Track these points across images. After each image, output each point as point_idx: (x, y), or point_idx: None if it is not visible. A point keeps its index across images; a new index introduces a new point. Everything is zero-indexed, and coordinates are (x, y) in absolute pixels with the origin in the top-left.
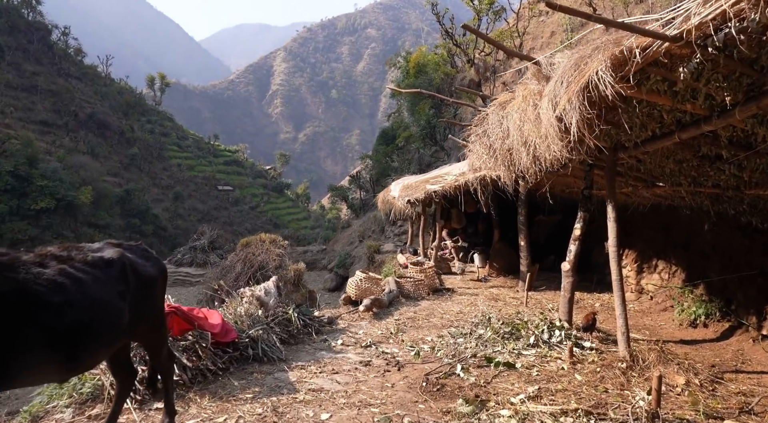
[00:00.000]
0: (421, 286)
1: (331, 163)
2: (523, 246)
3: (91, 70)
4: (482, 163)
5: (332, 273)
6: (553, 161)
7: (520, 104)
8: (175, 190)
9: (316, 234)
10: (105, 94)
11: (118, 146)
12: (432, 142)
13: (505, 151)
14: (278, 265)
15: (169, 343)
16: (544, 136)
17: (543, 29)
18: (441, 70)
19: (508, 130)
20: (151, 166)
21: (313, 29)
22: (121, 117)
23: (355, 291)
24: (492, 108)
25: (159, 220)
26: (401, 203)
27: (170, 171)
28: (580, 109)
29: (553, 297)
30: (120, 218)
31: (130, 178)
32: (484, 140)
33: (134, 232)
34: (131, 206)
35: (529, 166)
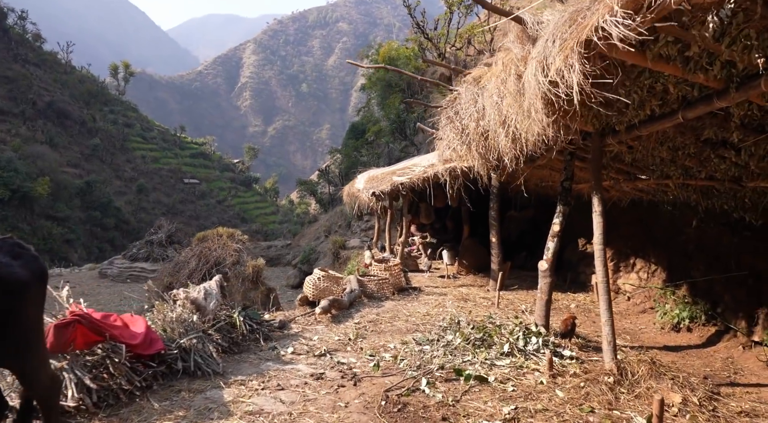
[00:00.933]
0: (385, 285)
1: (300, 158)
2: (495, 243)
3: (51, 56)
4: (453, 152)
5: (296, 269)
6: (536, 144)
7: (499, 74)
8: (139, 183)
9: (285, 228)
10: (65, 82)
11: (78, 136)
12: (402, 137)
13: (479, 136)
14: (236, 261)
15: (65, 361)
16: (527, 111)
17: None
18: (412, 65)
19: (483, 110)
20: (113, 158)
21: (283, 21)
22: (82, 106)
23: (312, 291)
24: (465, 85)
25: (121, 213)
26: (366, 196)
27: (134, 163)
28: (581, 65)
29: (526, 297)
30: (80, 211)
31: (92, 169)
32: (455, 124)
33: (95, 226)
34: (92, 199)
35: (507, 151)
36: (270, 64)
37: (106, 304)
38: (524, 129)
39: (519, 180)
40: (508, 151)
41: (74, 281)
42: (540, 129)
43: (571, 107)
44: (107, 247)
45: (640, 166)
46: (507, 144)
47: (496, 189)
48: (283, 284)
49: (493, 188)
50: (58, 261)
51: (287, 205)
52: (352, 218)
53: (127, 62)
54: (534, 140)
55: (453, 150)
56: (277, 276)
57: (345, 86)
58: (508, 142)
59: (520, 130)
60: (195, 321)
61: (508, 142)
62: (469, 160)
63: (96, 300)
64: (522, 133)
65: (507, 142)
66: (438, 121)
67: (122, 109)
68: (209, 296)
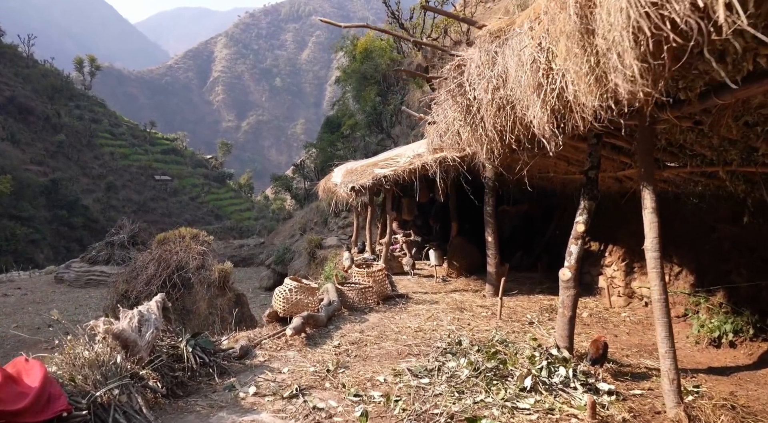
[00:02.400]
0: (368, 293)
1: (275, 153)
2: (491, 242)
3: (11, 49)
4: (451, 137)
5: (269, 270)
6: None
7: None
8: (108, 180)
9: (260, 225)
10: (27, 77)
11: (42, 133)
12: (378, 130)
13: (494, 111)
14: (200, 265)
15: None
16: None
17: (490, 16)
18: (387, 56)
19: (505, 73)
20: (80, 155)
21: (255, 15)
22: (45, 101)
23: (283, 305)
24: (478, 44)
25: (89, 211)
26: (344, 191)
27: (102, 160)
28: None
29: (528, 304)
30: (45, 210)
31: (57, 166)
32: (457, 100)
33: (62, 225)
34: (58, 197)
35: (542, 126)
36: (242, 58)
37: (60, 312)
38: (586, 89)
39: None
40: (543, 126)
41: (27, 287)
42: (626, 84)
43: (702, 42)
44: (75, 246)
45: (687, 150)
46: (543, 117)
47: (491, 181)
48: (255, 286)
49: (488, 180)
50: (23, 262)
51: (262, 201)
52: (328, 215)
53: (92, 56)
54: (595, 108)
55: (452, 135)
56: (250, 277)
57: (319, 80)
58: (545, 114)
59: (580, 90)
60: (119, 363)
61: (545, 114)
62: (474, 145)
63: (49, 308)
64: (581, 95)
65: (543, 114)
66: (419, 110)
67: (89, 104)
68: (146, 324)
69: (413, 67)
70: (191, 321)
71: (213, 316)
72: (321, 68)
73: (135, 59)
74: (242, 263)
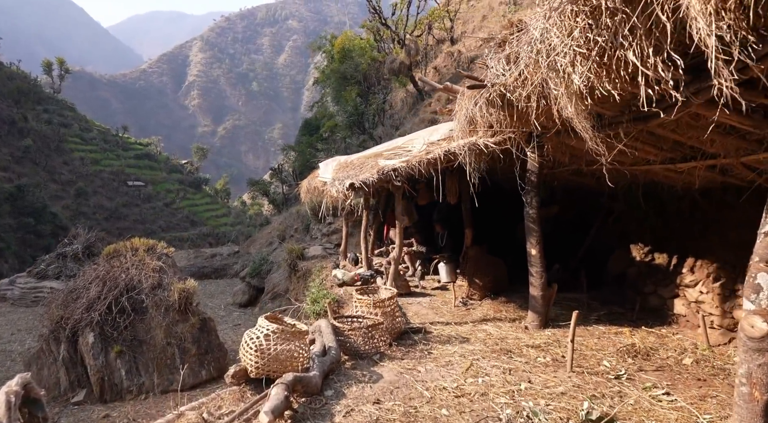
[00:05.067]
0: (377, 332)
1: (252, 158)
2: (536, 256)
3: None
4: (497, 116)
5: (244, 283)
6: None
7: None
8: (78, 186)
9: (237, 231)
10: None
11: (8, 137)
12: (360, 131)
13: None
14: (156, 284)
15: None
16: None
17: (474, 13)
18: (368, 56)
19: None
20: (48, 160)
21: (231, 19)
22: (11, 105)
23: (255, 360)
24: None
25: (58, 218)
26: (338, 190)
27: (72, 165)
28: None
29: (592, 341)
30: (10, 217)
31: (23, 172)
32: None
33: (28, 233)
34: (24, 204)
35: None
36: (218, 63)
37: None
38: None
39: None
40: None
41: None
42: None
43: None
44: (42, 255)
45: None
46: None
47: (534, 175)
48: (228, 302)
49: (530, 174)
50: None
51: (240, 207)
52: (311, 220)
53: (61, 59)
54: None
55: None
56: (223, 291)
57: (297, 85)
58: None
59: None
60: None
61: None
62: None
63: None
64: None
65: None
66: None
67: (58, 108)
68: None
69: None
70: (144, 354)
71: (172, 346)
72: (298, 72)
73: (108, 63)
74: (214, 275)
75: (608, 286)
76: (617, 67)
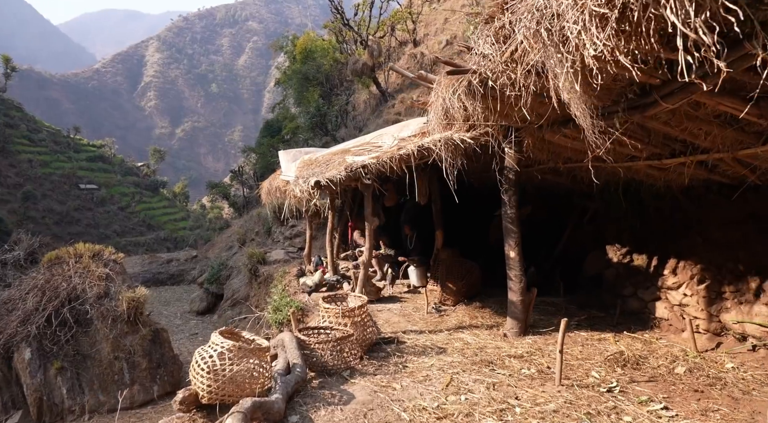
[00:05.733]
0: (347, 346)
1: (212, 160)
2: (515, 258)
3: None
4: (476, 107)
5: (202, 290)
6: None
7: None
8: (25, 190)
9: (196, 235)
10: None
11: None
12: (322, 132)
13: None
14: (102, 293)
15: None
16: None
17: (436, 16)
18: (330, 57)
19: None
20: None
21: (189, 19)
22: None
23: (207, 383)
24: None
25: (3, 223)
26: (303, 189)
27: (19, 167)
28: None
29: (577, 349)
30: None
31: None
32: None
33: None
34: None
35: None
36: (176, 63)
37: None
38: None
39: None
40: None
41: None
42: None
43: None
44: None
45: None
46: None
47: (513, 173)
48: (185, 310)
49: (508, 172)
50: None
51: (199, 210)
52: (272, 223)
53: (7, 56)
54: None
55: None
56: (179, 298)
57: (257, 86)
58: None
59: None
60: None
61: None
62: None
63: None
64: None
65: None
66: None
67: (3, 108)
68: None
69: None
70: (88, 370)
71: (120, 361)
72: (259, 74)
73: (58, 62)
74: (170, 281)
75: (583, 288)
76: (647, 30)
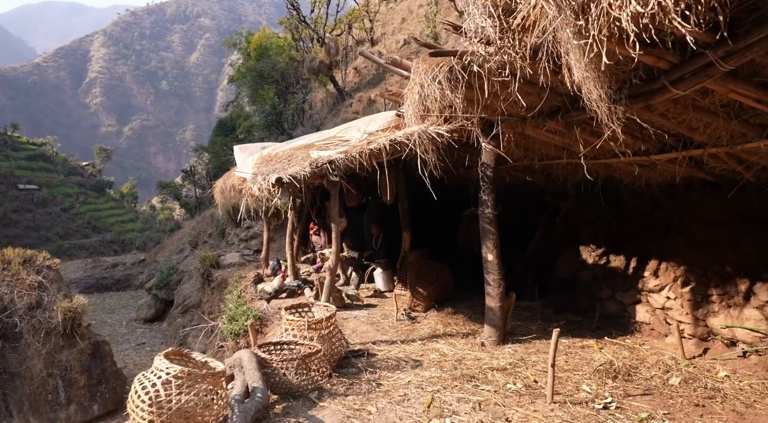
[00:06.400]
0: (314, 363)
1: (162, 160)
2: (493, 262)
3: None
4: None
5: (150, 296)
6: None
7: None
8: None
9: (146, 237)
10: None
11: None
12: (278, 131)
13: None
14: (34, 303)
15: None
16: None
17: (393, 16)
18: (286, 54)
19: None
20: None
21: (137, 14)
22: None
23: (149, 418)
24: None
25: None
26: (262, 187)
27: None
28: None
29: (563, 359)
30: None
31: None
32: None
33: None
34: None
35: None
36: (123, 59)
37: None
38: None
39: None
40: None
41: None
42: None
43: None
44: None
45: None
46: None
47: (491, 170)
48: (132, 318)
49: (486, 168)
50: None
51: (149, 211)
52: (227, 224)
53: None
54: None
55: None
56: (125, 305)
57: (210, 85)
58: None
59: None
60: None
61: None
62: None
63: None
64: None
65: None
66: None
67: None
68: None
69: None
70: (17, 390)
71: (54, 378)
72: (212, 72)
73: None
74: (116, 287)
75: (556, 291)
76: None
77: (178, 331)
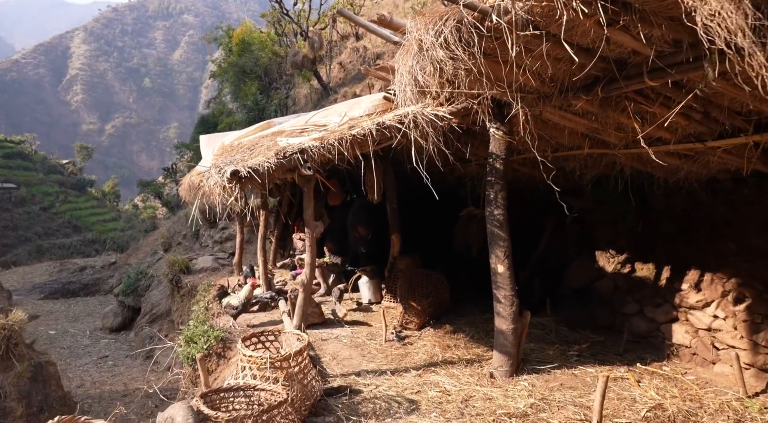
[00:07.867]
0: (278, 418)
1: (145, 158)
2: (504, 274)
3: None
4: None
5: (117, 303)
6: None
7: None
8: None
9: (129, 236)
10: None
11: None
12: None
13: None
14: None
15: None
16: None
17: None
18: (269, 49)
19: None
20: None
21: (119, 10)
22: None
23: None
24: None
25: None
26: (217, 182)
27: None
28: None
29: (585, 393)
30: None
31: None
32: None
33: None
34: None
35: None
36: (105, 56)
37: None
38: None
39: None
40: None
41: None
42: None
43: None
44: None
45: None
46: None
47: (500, 162)
48: (96, 327)
49: (495, 160)
50: None
51: (131, 210)
52: (201, 224)
53: None
54: None
55: None
56: (91, 312)
57: (194, 82)
58: None
59: None
60: None
61: None
62: None
63: None
64: None
65: None
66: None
67: None
68: None
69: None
70: None
71: None
72: (195, 69)
73: None
74: (83, 292)
75: (567, 303)
76: None
77: (144, 342)
